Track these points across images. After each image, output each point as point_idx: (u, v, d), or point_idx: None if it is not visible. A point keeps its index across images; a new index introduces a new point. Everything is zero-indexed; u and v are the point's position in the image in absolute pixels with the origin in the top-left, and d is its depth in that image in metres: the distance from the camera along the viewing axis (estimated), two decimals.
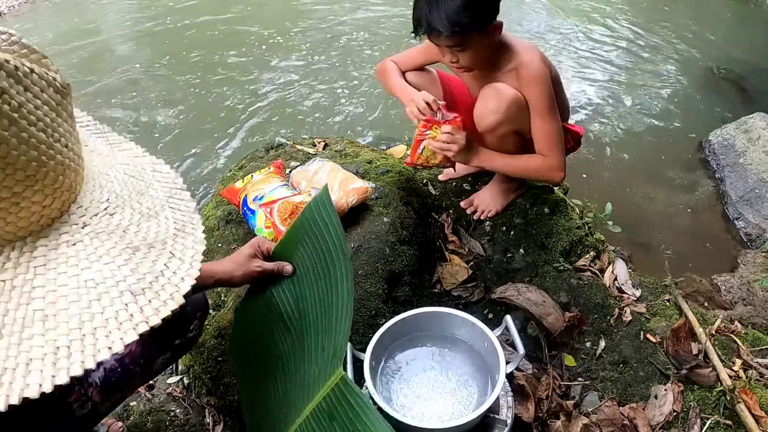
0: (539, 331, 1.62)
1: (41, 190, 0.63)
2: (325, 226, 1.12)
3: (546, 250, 1.81)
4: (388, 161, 2.01)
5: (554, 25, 4.48)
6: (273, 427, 1.12)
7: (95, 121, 0.90)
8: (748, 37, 4.33)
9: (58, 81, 0.67)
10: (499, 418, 1.31)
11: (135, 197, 0.76)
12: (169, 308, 0.67)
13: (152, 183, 0.81)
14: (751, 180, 2.68)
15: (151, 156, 0.88)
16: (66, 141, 0.66)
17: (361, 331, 1.51)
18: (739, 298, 1.86)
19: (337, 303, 1.03)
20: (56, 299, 0.62)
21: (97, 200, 0.72)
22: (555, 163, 1.61)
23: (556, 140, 1.60)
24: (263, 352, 1.23)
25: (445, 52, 1.53)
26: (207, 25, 4.49)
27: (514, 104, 1.55)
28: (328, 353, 1.00)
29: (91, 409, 1.16)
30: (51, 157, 0.63)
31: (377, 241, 1.63)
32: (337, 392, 0.93)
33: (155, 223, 0.74)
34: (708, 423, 1.39)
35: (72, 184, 0.69)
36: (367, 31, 4.29)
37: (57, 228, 0.67)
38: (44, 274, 0.63)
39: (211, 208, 1.91)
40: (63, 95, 0.67)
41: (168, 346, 1.22)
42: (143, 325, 0.64)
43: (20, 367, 0.58)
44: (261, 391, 1.22)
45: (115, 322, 0.63)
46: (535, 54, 1.56)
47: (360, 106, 3.42)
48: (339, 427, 0.91)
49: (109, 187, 0.75)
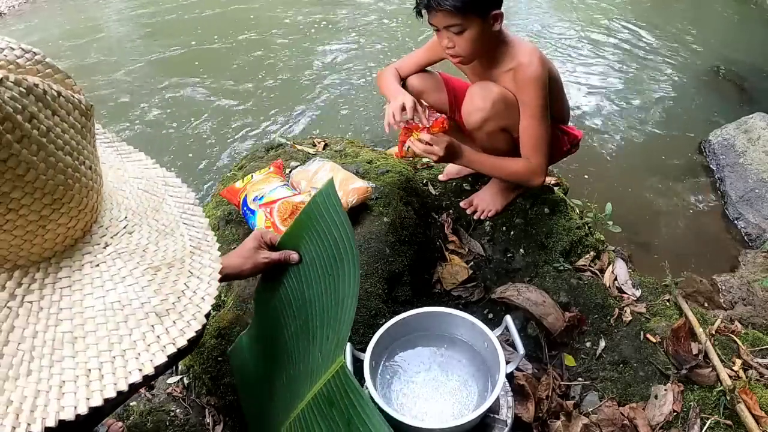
0: (539, 331, 1.62)
1: (67, 213, 0.64)
2: (331, 217, 1.13)
3: (546, 250, 1.81)
4: (388, 161, 2.01)
5: (554, 25, 4.48)
6: (277, 413, 1.14)
7: (104, 129, 0.89)
8: (748, 37, 4.33)
9: (84, 103, 0.67)
10: (499, 418, 1.31)
11: (151, 214, 0.77)
12: (193, 329, 0.68)
13: (165, 198, 0.82)
14: (751, 180, 2.68)
15: (161, 168, 0.88)
16: (90, 163, 0.67)
17: (361, 331, 1.51)
18: (739, 298, 1.86)
19: (343, 294, 1.04)
20: (84, 321, 0.63)
21: (116, 218, 0.73)
22: (537, 168, 1.62)
23: (542, 144, 1.60)
24: (271, 336, 1.25)
25: (443, 37, 1.51)
26: (215, 17, 4.49)
27: (500, 101, 1.56)
28: (332, 342, 1.01)
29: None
30: (77, 180, 0.64)
31: (377, 241, 1.63)
32: (337, 380, 0.95)
33: (172, 241, 0.75)
34: (708, 423, 1.39)
35: (95, 205, 0.69)
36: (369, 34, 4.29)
37: (80, 248, 0.68)
38: (70, 296, 0.64)
39: (211, 208, 1.91)
40: (87, 117, 0.68)
41: None
42: (171, 347, 0.65)
43: (53, 389, 0.59)
44: (268, 377, 1.24)
45: (143, 344, 0.64)
46: (535, 56, 1.55)
47: (360, 106, 3.42)
48: (337, 413, 0.93)
49: (126, 204, 0.76)
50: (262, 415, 1.24)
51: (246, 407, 1.35)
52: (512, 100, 1.57)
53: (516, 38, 1.60)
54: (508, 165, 1.66)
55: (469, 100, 1.61)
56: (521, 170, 1.64)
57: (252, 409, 1.31)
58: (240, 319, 1.54)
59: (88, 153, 0.67)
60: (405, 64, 1.79)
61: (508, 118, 1.59)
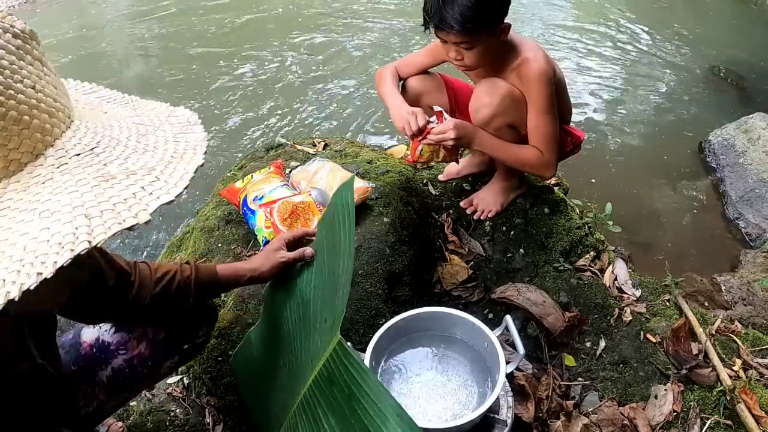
0: (539, 331, 1.62)
1: (2, 130, 0.63)
2: (341, 206, 1.14)
3: (546, 250, 1.81)
4: (388, 161, 2.01)
5: (554, 25, 4.48)
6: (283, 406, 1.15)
7: (123, 94, 0.89)
8: (748, 37, 4.33)
9: (17, 27, 0.67)
10: (499, 418, 1.31)
11: (134, 137, 0.73)
12: (125, 224, 0.61)
13: (162, 126, 0.78)
14: (751, 180, 2.68)
15: (182, 108, 0.85)
16: (32, 83, 0.67)
17: (361, 331, 1.51)
18: (739, 298, 1.86)
19: (339, 272, 1.04)
20: (9, 236, 0.60)
21: (85, 143, 0.70)
22: (549, 161, 1.62)
23: (552, 140, 1.60)
24: (276, 330, 1.26)
25: (450, 49, 1.52)
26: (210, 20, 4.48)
27: (507, 97, 1.56)
28: (329, 324, 1.01)
29: (96, 407, 1.17)
30: (10, 97, 0.64)
31: (377, 241, 1.63)
32: (335, 357, 0.95)
33: (150, 155, 0.71)
34: (708, 423, 1.39)
35: (44, 126, 0.68)
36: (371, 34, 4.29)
37: (30, 171, 0.66)
38: (7, 215, 0.62)
39: (211, 208, 1.91)
40: (24, 40, 0.68)
41: (176, 350, 1.23)
42: (84, 244, 0.59)
43: None
44: (273, 371, 1.25)
45: (58, 246, 0.59)
46: (539, 53, 1.56)
47: (360, 106, 3.42)
48: (338, 390, 0.93)
49: (107, 133, 0.73)
50: (267, 412, 1.24)
51: (251, 406, 1.35)
52: (519, 96, 1.57)
53: (519, 37, 1.60)
54: (521, 152, 1.64)
55: (477, 97, 1.60)
56: (534, 160, 1.62)
57: (258, 408, 1.31)
58: (240, 319, 1.54)
59: (28, 73, 0.67)
60: (405, 66, 1.78)
61: (515, 115, 1.59)
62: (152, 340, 1.19)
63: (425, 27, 1.51)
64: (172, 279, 1.11)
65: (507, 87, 1.56)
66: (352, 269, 1.01)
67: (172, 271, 1.12)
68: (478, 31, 1.43)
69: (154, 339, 1.20)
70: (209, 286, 1.17)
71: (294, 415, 1.07)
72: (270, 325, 1.31)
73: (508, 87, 1.56)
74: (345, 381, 0.92)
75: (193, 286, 1.13)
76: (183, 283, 1.12)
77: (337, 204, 1.20)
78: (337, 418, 0.92)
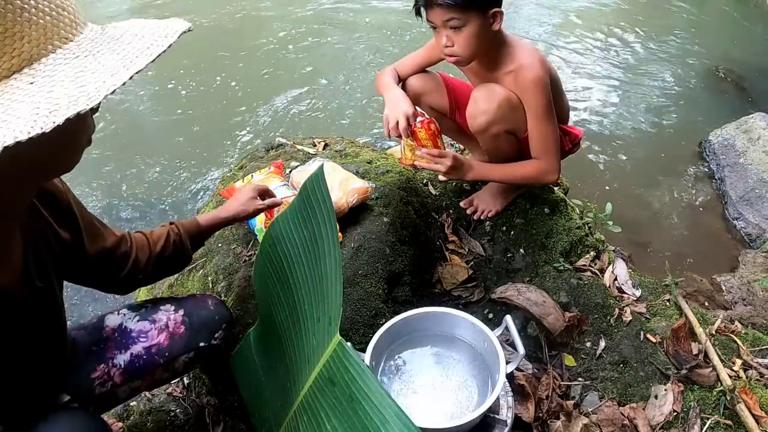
0: (539, 331, 1.62)
1: None
2: (317, 202, 1.11)
3: (546, 250, 1.81)
4: (388, 161, 2.01)
5: (553, 24, 4.48)
6: (279, 404, 1.15)
7: None
8: (748, 37, 4.33)
9: None
10: (499, 418, 1.31)
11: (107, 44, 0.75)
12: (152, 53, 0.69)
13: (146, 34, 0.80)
14: (751, 180, 2.68)
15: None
16: None
17: (361, 331, 1.51)
18: (739, 298, 1.86)
19: (326, 272, 1.04)
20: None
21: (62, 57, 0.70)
22: (549, 167, 1.62)
23: (552, 144, 1.60)
24: (269, 328, 1.27)
25: (441, 35, 1.50)
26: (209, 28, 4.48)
27: (505, 103, 1.55)
28: (323, 323, 1.02)
29: (109, 389, 1.20)
30: None
31: (377, 241, 1.63)
32: (335, 358, 0.95)
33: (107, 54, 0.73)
34: (708, 423, 1.39)
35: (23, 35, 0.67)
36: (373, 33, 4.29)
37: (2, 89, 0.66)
38: None
39: (212, 208, 1.91)
40: None
41: (192, 346, 1.27)
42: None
43: None
44: (270, 371, 1.25)
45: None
46: (536, 58, 1.55)
47: (360, 106, 3.42)
48: (339, 391, 0.93)
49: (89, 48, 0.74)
50: (267, 412, 1.24)
51: (251, 406, 1.35)
52: (517, 103, 1.57)
53: (516, 39, 1.60)
54: (518, 170, 1.67)
55: (474, 103, 1.59)
56: (533, 172, 1.65)
57: (258, 408, 1.31)
58: (240, 319, 1.54)
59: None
60: (404, 65, 1.79)
61: (513, 121, 1.59)
62: (172, 333, 1.26)
63: (416, 10, 1.50)
64: (167, 239, 1.27)
65: (504, 93, 1.55)
66: (340, 266, 1.00)
67: (165, 233, 1.28)
68: (466, 5, 1.41)
69: (174, 332, 1.26)
70: (196, 236, 1.34)
71: (295, 416, 1.07)
72: (265, 326, 1.31)
73: (506, 93, 1.55)
74: (346, 382, 0.92)
75: (186, 239, 1.30)
76: (177, 239, 1.28)
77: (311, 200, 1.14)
78: (339, 420, 0.92)
